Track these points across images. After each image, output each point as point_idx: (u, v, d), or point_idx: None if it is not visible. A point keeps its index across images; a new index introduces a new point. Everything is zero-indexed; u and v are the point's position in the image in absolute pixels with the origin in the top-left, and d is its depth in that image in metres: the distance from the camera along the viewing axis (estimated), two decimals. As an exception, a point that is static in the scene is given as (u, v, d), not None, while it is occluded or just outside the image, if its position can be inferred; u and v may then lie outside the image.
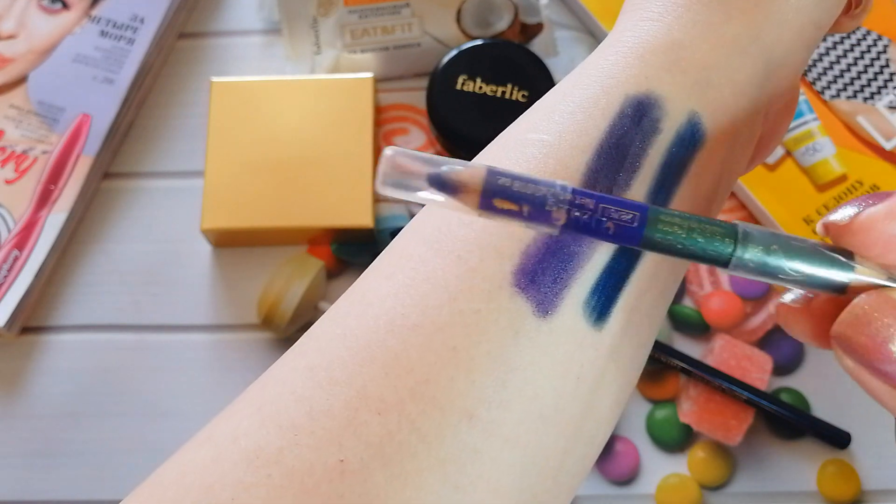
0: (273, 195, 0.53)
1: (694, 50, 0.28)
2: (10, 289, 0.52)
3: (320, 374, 0.25)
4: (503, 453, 0.25)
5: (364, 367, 0.25)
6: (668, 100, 0.27)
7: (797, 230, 0.52)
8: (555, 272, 0.25)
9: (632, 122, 0.27)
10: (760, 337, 0.53)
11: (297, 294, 0.51)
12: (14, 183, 0.54)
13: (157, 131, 0.58)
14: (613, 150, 0.26)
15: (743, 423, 0.50)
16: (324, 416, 0.24)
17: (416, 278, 0.26)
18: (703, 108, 0.27)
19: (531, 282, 0.25)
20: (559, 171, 0.26)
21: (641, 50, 0.28)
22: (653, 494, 0.50)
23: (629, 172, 0.26)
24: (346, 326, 0.26)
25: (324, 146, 0.54)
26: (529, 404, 0.25)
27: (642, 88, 0.27)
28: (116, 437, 0.52)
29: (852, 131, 0.54)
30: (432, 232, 0.27)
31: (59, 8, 0.58)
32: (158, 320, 0.54)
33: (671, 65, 0.27)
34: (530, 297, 0.25)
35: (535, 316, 0.25)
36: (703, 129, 0.27)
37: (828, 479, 0.50)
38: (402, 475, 0.24)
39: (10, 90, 0.56)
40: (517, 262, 0.25)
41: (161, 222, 0.56)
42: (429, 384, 0.24)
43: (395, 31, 0.58)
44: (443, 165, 0.23)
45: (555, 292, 0.25)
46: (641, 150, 0.27)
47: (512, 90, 0.53)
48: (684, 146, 0.27)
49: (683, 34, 0.28)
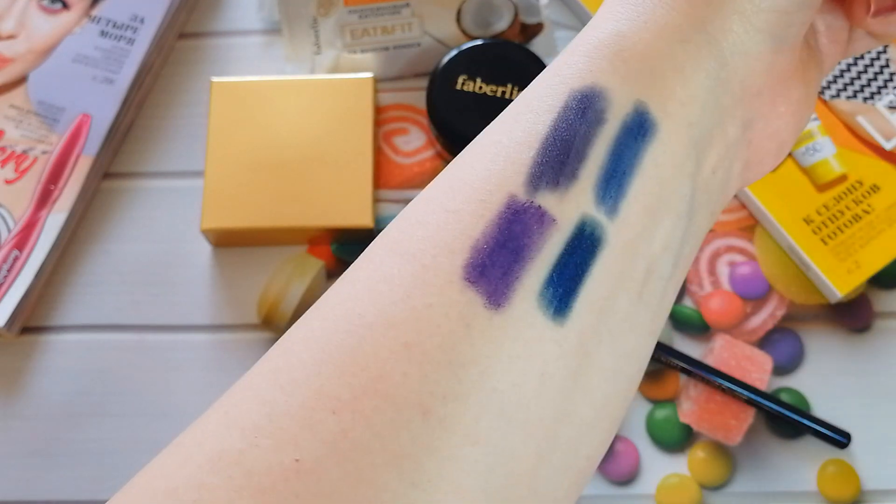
0: (273, 195, 0.53)
1: (636, 41, 0.28)
2: (10, 289, 0.52)
3: (282, 376, 0.25)
4: (462, 450, 0.24)
5: (322, 367, 0.25)
6: (612, 90, 0.27)
7: (797, 230, 0.53)
8: (505, 264, 0.25)
9: (576, 115, 0.27)
10: (761, 337, 0.53)
11: (297, 294, 0.51)
12: (14, 183, 0.54)
13: (157, 131, 0.58)
14: (559, 143, 0.27)
15: (743, 422, 0.50)
16: (283, 416, 0.25)
17: (374, 279, 0.26)
18: (648, 98, 0.27)
19: (481, 274, 0.25)
20: (508, 168, 0.27)
21: (588, 47, 0.28)
22: (653, 494, 0.50)
23: (575, 163, 0.27)
24: (309, 329, 0.26)
25: (324, 146, 0.54)
26: (487, 399, 0.25)
27: (587, 82, 0.27)
28: (116, 437, 0.52)
29: (852, 131, 0.54)
30: (394, 234, 0.27)
31: (59, 8, 0.58)
32: (158, 320, 0.54)
33: (613, 56, 0.28)
34: (481, 290, 0.25)
35: (487, 308, 0.25)
36: (652, 118, 0.27)
37: (828, 478, 0.50)
38: (357, 472, 0.24)
39: (9, 90, 0.56)
40: (467, 256, 0.25)
41: (161, 222, 0.56)
42: (382, 380, 0.24)
43: (395, 31, 0.58)
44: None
45: (505, 284, 0.25)
46: (586, 140, 0.27)
47: (512, 90, 0.53)
48: (633, 136, 0.27)
49: (628, 27, 0.28)
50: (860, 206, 0.53)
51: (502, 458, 0.25)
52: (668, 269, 0.28)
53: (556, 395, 0.26)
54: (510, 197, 0.26)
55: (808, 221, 0.53)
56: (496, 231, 0.26)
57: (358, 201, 0.53)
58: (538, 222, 0.26)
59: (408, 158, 0.57)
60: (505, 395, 0.25)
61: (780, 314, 0.53)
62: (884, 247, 0.52)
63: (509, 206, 0.26)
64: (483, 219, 0.26)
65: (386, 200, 0.55)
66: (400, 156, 0.57)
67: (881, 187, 0.53)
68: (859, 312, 0.53)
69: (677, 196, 0.28)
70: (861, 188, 0.53)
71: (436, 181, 0.28)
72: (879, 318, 0.53)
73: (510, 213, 0.26)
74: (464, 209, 0.26)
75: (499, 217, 0.26)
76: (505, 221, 0.26)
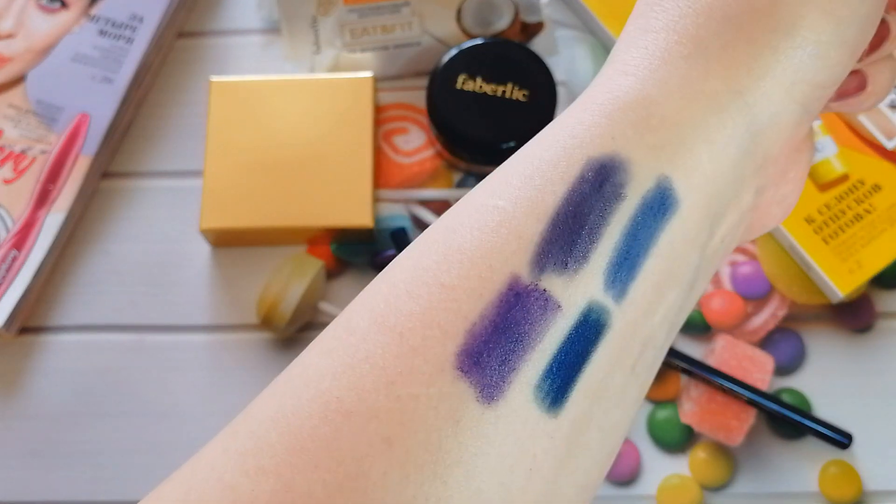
0: (272, 195, 0.53)
1: (666, 106, 0.25)
2: (9, 289, 0.52)
3: (249, 461, 0.23)
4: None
5: (293, 457, 0.23)
6: (635, 162, 0.25)
7: (798, 230, 0.52)
8: (503, 353, 0.23)
9: (592, 188, 0.25)
10: (762, 337, 0.53)
11: (296, 294, 0.51)
12: (12, 182, 0.54)
13: (156, 131, 0.58)
14: (570, 219, 0.24)
15: (744, 423, 0.50)
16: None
17: (355, 356, 0.24)
18: (674, 172, 0.25)
19: (475, 364, 0.23)
20: (512, 242, 0.24)
21: (610, 107, 0.26)
22: (654, 495, 0.50)
23: (587, 244, 0.24)
24: (281, 408, 0.24)
25: (323, 145, 0.54)
26: (471, 501, 0.23)
27: (607, 150, 0.25)
28: (115, 438, 0.52)
29: (854, 130, 0.54)
30: (379, 304, 0.25)
31: (58, 7, 0.58)
32: (157, 320, 0.54)
33: (639, 122, 0.25)
34: (474, 381, 0.23)
35: (480, 402, 0.23)
36: (675, 195, 0.25)
37: (829, 479, 0.50)
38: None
39: (8, 89, 0.56)
40: (461, 341, 0.23)
41: (160, 222, 0.56)
42: (359, 479, 0.22)
43: (395, 30, 0.57)
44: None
45: (501, 376, 0.23)
46: (601, 218, 0.24)
47: (512, 89, 0.53)
48: (652, 215, 0.25)
49: (657, 90, 0.26)
50: (862, 206, 0.53)
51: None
52: (664, 338, 0.26)
53: (542, 487, 0.24)
54: (513, 277, 0.24)
55: (810, 221, 0.53)
56: (495, 315, 0.24)
57: (357, 201, 0.53)
58: (541, 308, 0.24)
59: (408, 158, 0.56)
60: (490, 494, 0.23)
61: (781, 314, 0.53)
62: (885, 246, 0.52)
63: (511, 288, 0.24)
64: (482, 300, 0.24)
65: (386, 200, 0.55)
66: (400, 155, 0.56)
67: (883, 187, 0.53)
68: (861, 312, 0.53)
69: (686, 269, 0.26)
70: (862, 188, 0.53)
71: (428, 241, 0.26)
72: (881, 318, 0.53)
73: (511, 295, 0.24)
74: (460, 286, 0.24)
75: (499, 299, 0.24)
76: (505, 305, 0.24)
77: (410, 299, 0.24)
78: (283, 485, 0.23)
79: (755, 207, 0.28)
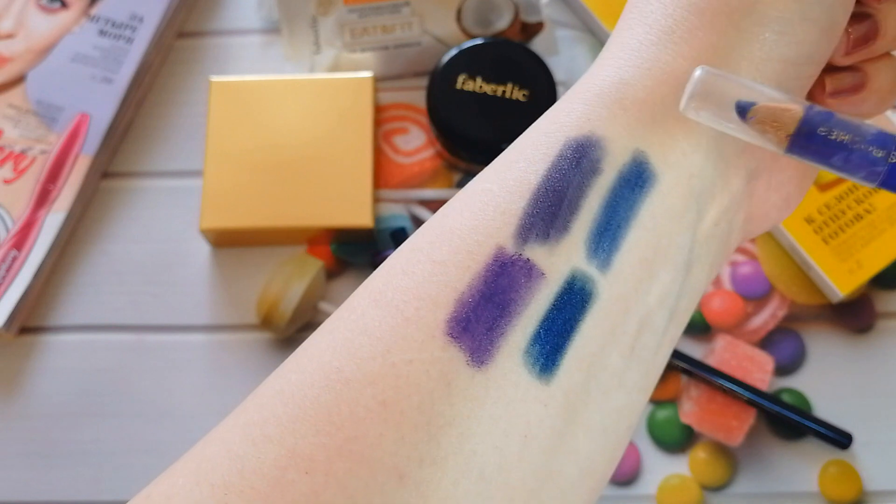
0: (272, 195, 0.53)
1: (638, 88, 0.27)
2: (9, 289, 0.52)
3: (255, 431, 0.25)
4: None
5: (296, 424, 0.24)
6: (610, 140, 0.26)
7: (798, 230, 0.52)
8: (490, 319, 0.25)
9: (570, 164, 0.26)
10: (762, 337, 0.53)
11: (296, 294, 0.51)
12: (12, 182, 0.54)
13: (156, 131, 0.58)
14: (551, 194, 0.26)
15: (744, 423, 0.50)
16: (254, 474, 0.24)
17: (353, 330, 0.25)
18: (649, 148, 0.26)
19: (464, 329, 0.24)
20: (497, 218, 0.26)
21: (587, 94, 0.27)
22: (654, 495, 0.50)
23: (567, 215, 0.26)
24: (286, 382, 0.26)
25: (323, 146, 0.54)
26: (467, 463, 0.24)
27: (583, 130, 0.27)
28: (115, 438, 0.52)
29: (854, 131, 0.54)
30: (377, 284, 0.26)
31: (58, 7, 0.58)
32: (157, 320, 0.54)
33: (613, 104, 0.27)
34: (464, 346, 0.24)
35: (470, 366, 0.24)
36: (652, 169, 0.26)
37: (829, 479, 0.50)
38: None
39: (8, 89, 0.56)
40: (451, 309, 0.25)
41: (160, 222, 0.56)
42: (357, 441, 0.23)
43: (395, 30, 0.57)
44: (758, 94, 0.21)
45: (490, 340, 0.24)
46: (580, 191, 0.26)
47: (512, 89, 0.53)
48: (630, 188, 0.26)
49: (629, 74, 0.27)
50: (862, 206, 0.53)
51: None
52: (663, 323, 0.27)
53: (540, 457, 0.25)
54: (498, 249, 0.25)
55: (810, 221, 0.53)
56: (482, 284, 0.25)
57: (357, 201, 0.53)
58: (526, 276, 0.25)
59: (408, 158, 0.56)
60: (485, 458, 0.24)
61: (781, 314, 0.53)
62: (885, 246, 0.52)
63: (497, 259, 0.25)
64: (469, 271, 0.25)
65: (386, 200, 0.55)
66: (400, 155, 0.56)
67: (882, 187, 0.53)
68: (861, 312, 0.53)
69: (675, 248, 0.27)
70: (862, 188, 0.53)
71: (425, 228, 0.28)
72: (881, 318, 0.53)
73: (497, 265, 0.25)
74: (450, 260, 0.25)
75: (485, 270, 0.25)
76: (491, 274, 0.25)
77: (405, 276, 0.26)
78: (286, 450, 0.24)
79: (750, 194, 0.29)
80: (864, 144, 0.22)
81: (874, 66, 0.30)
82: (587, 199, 0.26)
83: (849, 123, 0.22)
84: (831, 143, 0.22)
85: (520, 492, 0.24)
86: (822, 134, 0.22)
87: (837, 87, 0.30)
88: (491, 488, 0.24)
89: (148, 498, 0.25)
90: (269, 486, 0.23)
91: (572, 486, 0.26)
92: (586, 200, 0.26)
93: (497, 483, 0.24)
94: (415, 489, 0.23)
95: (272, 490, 0.23)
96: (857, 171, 0.22)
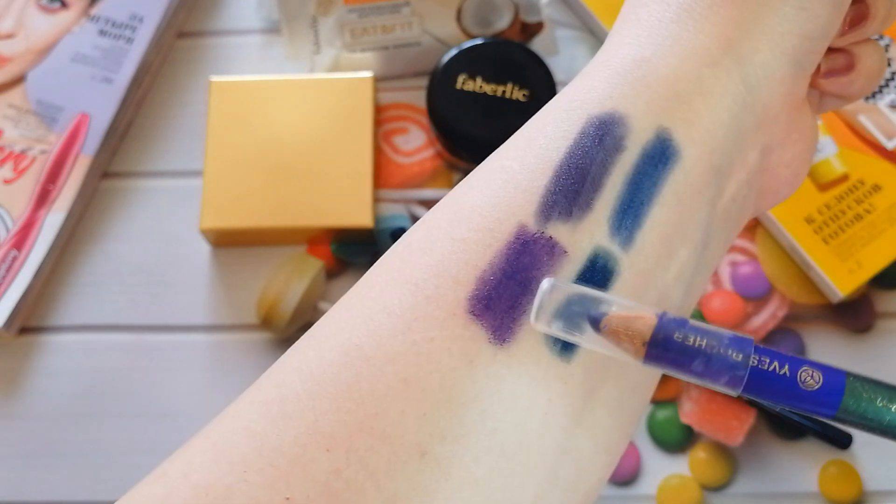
0: (272, 195, 0.53)
1: (661, 65, 0.27)
2: (9, 289, 0.52)
3: (273, 408, 0.24)
4: (460, 493, 0.23)
5: (316, 402, 0.24)
6: (633, 117, 0.26)
7: (798, 230, 0.52)
8: (512, 297, 0.24)
9: (593, 142, 0.26)
10: (762, 337, 0.52)
11: (296, 294, 0.51)
12: (12, 183, 0.54)
13: (156, 131, 0.58)
14: (573, 171, 0.26)
15: (744, 423, 0.50)
16: (273, 452, 0.23)
17: (373, 308, 0.25)
18: (672, 124, 0.26)
19: (486, 308, 0.24)
20: (518, 196, 0.26)
21: (608, 72, 0.27)
22: (654, 495, 0.50)
23: (590, 192, 0.25)
24: (304, 359, 0.25)
25: (323, 146, 0.54)
26: (488, 440, 0.24)
27: (606, 108, 0.26)
28: (116, 438, 0.52)
29: (854, 130, 0.54)
30: (395, 262, 0.26)
31: (58, 7, 0.58)
32: (157, 320, 0.54)
33: (636, 82, 0.27)
34: (486, 324, 0.24)
35: (492, 343, 0.24)
36: (675, 146, 0.26)
37: (829, 479, 0.50)
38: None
39: (8, 89, 0.56)
40: (472, 287, 0.24)
41: (160, 222, 0.56)
42: (378, 418, 0.23)
43: (395, 30, 0.57)
44: (608, 305, 0.22)
45: (512, 318, 0.24)
46: (603, 168, 0.26)
47: (512, 89, 0.53)
48: (653, 164, 0.26)
49: (651, 51, 0.27)
50: (862, 206, 0.53)
51: (500, 499, 0.24)
52: (679, 298, 0.27)
53: (559, 434, 0.25)
54: (520, 227, 0.25)
55: (810, 221, 0.53)
56: (504, 262, 0.25)
57: (357, 201, 0.53)
58: (548, 254, 0.25)
59: (408, 158, 0.56)
60: (506, 435, 0.24)
61: (781, 314, 0.53)
62: (885, 247, 0.52)
63: (518, 237, 0.25)
64: (490, 249, 0.25)
65: (386, 200, 0.55)
66: (400, 155, 0.56)
67: (883, 187, 0.53)
68: (861, 313, 0.53)
69: (694, 224, 0.27)
70: (862, 188, 0.53)
71: (441, 205, 0.27)
72: (881, 318, 0.53)
73: (519, 243, 0.25)
74: (470, 238, 0.25)
75: (507, 247, 0.25)
76: (513, 252, 0.25)
77: (424, 254, 0.26)
78: (306, 427, 0.24)
79: (764, 169, 0.29)
80: (722, 348, 0.22)
81: (861, 48, 0.31)
82: (610, 177, 0.26)
83: (704, 329, 0.22)
84: (689, 349, 0.22)
85: (538, 468, 0.25)
86: (678, 340, 0.22)
87: (831, 67, 0.31)
88: (512, 465, 0.24)
89: (164, 475, 0.25)
90: (289, 463, 0.23)
91: (588, 462, 0.26)
92: (609, 178, 0.26)
93: (518, 460, 0.24)
94: (436, 466, 0.23)
95: (292, 467, 0.23)
96: (720, 377, 0.22)
